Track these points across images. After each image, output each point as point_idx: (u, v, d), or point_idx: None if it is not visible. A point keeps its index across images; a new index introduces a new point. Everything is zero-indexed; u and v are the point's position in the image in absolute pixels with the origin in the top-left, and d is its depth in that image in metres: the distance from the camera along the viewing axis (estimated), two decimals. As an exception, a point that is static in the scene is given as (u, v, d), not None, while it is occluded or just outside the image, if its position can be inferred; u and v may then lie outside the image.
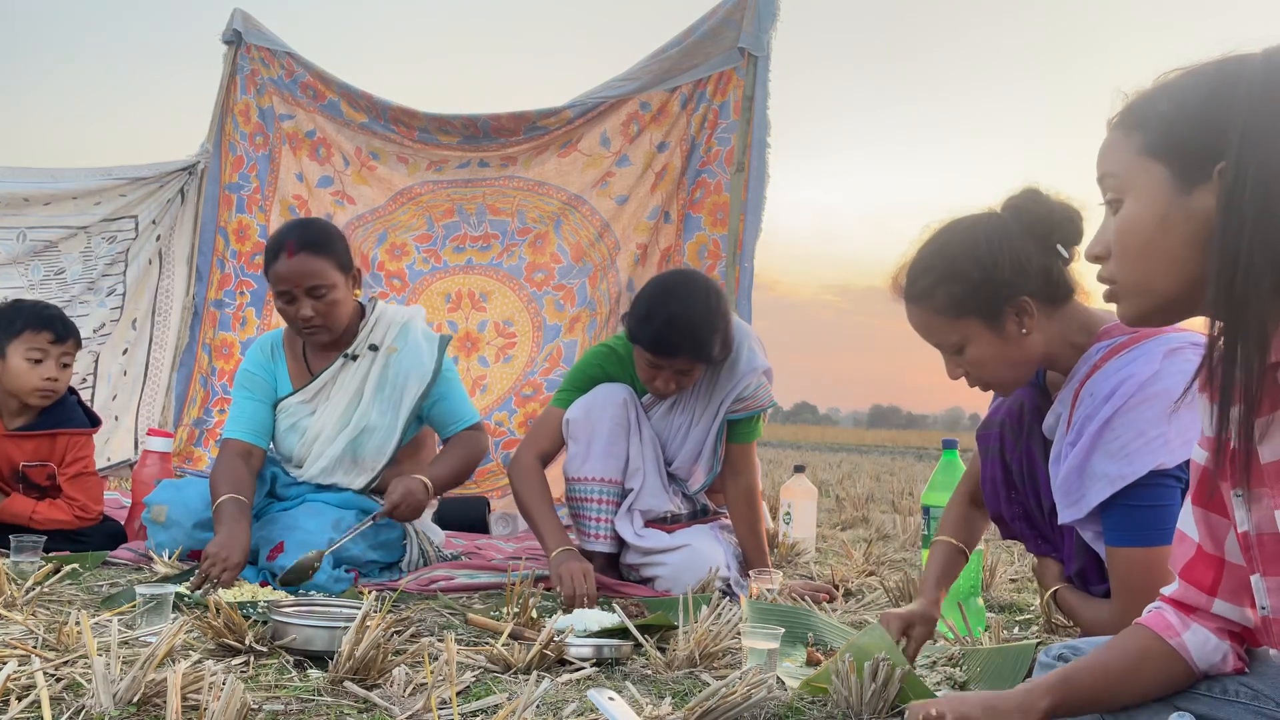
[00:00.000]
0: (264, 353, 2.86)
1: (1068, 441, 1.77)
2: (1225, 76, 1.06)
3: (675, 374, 2.64)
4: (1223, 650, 1.21)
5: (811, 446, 24.08)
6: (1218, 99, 1.05)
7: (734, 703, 1.49)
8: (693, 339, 2.58)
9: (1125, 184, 1.11)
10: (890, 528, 4.68)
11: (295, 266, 2.65)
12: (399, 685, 1.58)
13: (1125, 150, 1.12)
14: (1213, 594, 1.19)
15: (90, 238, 4.78)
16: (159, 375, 4.93)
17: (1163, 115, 1.09)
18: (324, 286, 2.68)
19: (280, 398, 2.81)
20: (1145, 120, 1.11)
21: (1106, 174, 1.14)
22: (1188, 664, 1.21)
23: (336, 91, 4.92)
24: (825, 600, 2.60)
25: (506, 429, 4.38)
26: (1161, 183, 1.08)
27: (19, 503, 2.86)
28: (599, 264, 4.49)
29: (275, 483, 2.83)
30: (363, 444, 2.76)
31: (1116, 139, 1.14)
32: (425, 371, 2.76)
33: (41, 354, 2.90)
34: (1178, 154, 1.07)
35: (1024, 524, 2.00)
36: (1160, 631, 1.23)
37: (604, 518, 2.72)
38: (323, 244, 2.70)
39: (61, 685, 1.51)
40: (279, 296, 2.71)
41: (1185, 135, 1.07)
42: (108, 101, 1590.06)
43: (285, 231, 2.75)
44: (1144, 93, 1.13)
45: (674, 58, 4.40)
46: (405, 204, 4.82)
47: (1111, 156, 1.14)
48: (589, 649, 1.84)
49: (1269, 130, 1.00)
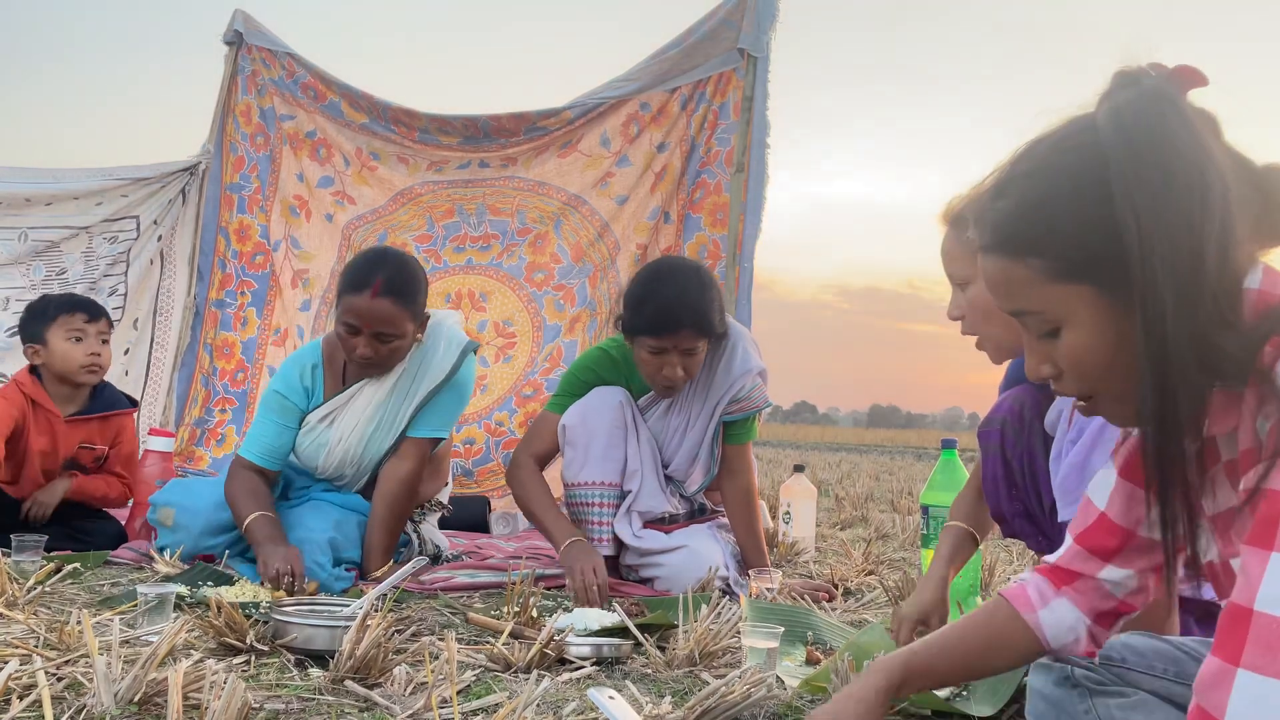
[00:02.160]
0: (300, 375, 2.76)
1: (1069, 439, 1.77)
2: (1090, 168, 0.97)
3: (681, 355, 2.62)
4: (1077, 632, 1.23)
5: (811, 446, 24.08)
6: (1101, 199, 0.96)
7: (733, 701, 1.50)
8: (692, 310, 2.59)
9: (1056, 315, 1.02)
10: (889, 527, 4.68)
11: (374, 309, 2.56)
12: (399, 684, 1.58)
13: (1030, 282, 1.02)
14: (1106, 561, 1.20)
15: (92, 238, 4.78)
16: (160, 375, 4.93)
17: (1058, 233, 1.00)
18: (393, 335, 2.61)
19: (308, 411, 2.76)
20: (1036, 242, 1.01)
21: (1023, 310, 1.05)
22: (1040, 641, 1.24)
23: (337, 92, 4.92)
24: (825, 599, 2.60)
25: (506, 429, 4.38)
26: (1094, 304, 1.00)
27: (90, 484, 3.05)
28: (599, 264, 4.50)
29: (289, 486, 2.84)
30: (374, 442, 2.76)
31: (1010, 269, 1.04)
32: (439, 373, 2.75)
33: (80, 333, 3.02)
34: (1095, 271, 0.99)
35: (1025, 522, 2.00)
36: (1018, 607, 1.25)
37: (605, 520, 2.72)
38: (408, 293, 2.61)
39: (63, 684, 1.52)
40: (343, 324, 2.60)
41: (1096, 250, 0.98)
42: (108, 102, 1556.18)
43: (376, 264, 2.61)
44: (1011, 209, 1.03)
45: (674, 58, 4.40)
46: (405, 204, 4.83)
47: (1017, 290, 1.04)
48: (589, 648, 1.84)
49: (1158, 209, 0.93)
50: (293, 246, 4.93)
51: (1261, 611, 0.87)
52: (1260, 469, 0.92)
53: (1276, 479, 0.90)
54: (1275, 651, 0.85)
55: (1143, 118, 0.96)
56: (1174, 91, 0.98)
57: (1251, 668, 0.86)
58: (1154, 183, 0.93)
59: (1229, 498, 1.05)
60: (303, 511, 2.66)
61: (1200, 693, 0.90)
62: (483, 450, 4.39)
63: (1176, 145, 0.94)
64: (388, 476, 2.70)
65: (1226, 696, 0.87)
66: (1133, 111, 0.97)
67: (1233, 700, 0.86)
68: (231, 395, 4.81)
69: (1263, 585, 0.87)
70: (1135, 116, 0.96)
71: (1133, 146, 0.95)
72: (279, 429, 2.72)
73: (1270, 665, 0.85)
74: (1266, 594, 0.87)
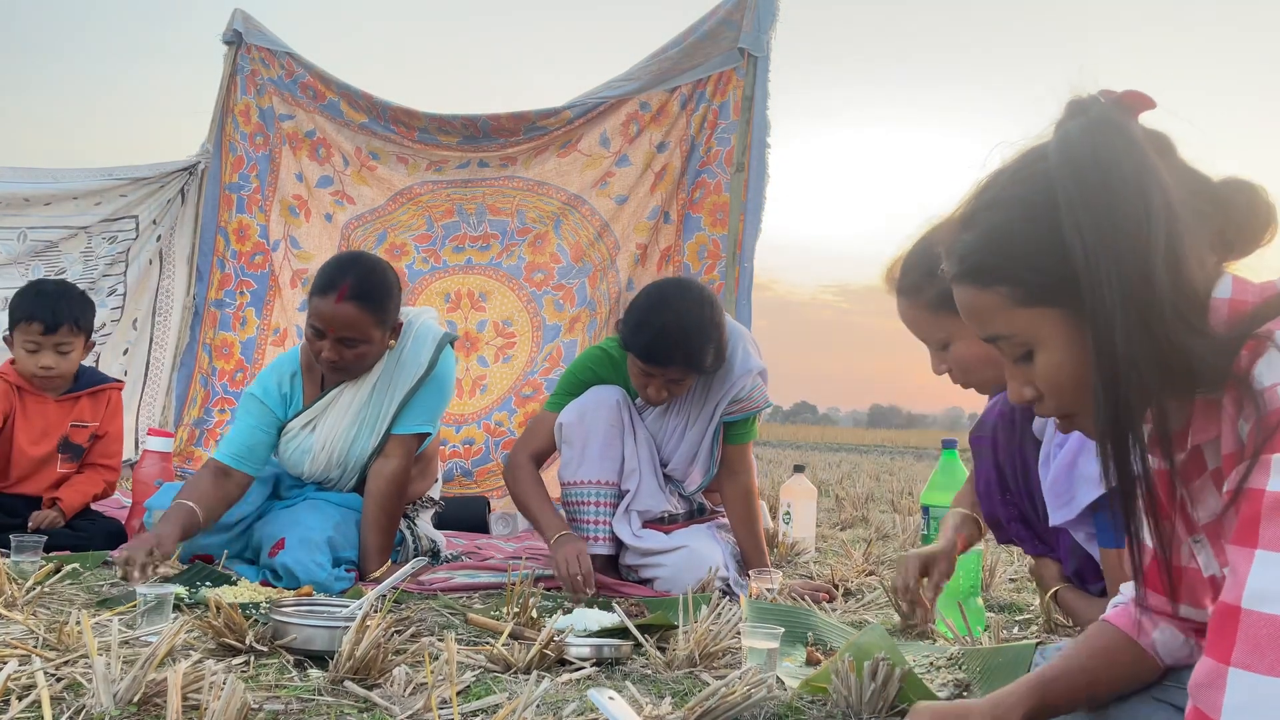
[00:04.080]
0: (278, 383, 2.76)
1: (1055, 443, 1.77)
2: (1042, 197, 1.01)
3: (667, 383, 2.64)
4: (1190, 646, 1.23)
5: (811, 446, 24.08)
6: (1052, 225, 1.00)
7: (734, 702, 1.49)
8: (685, 349, 2.57)
9: (1028, 339, 1.06)
10: (890, 527, 4.68)
11: (339, 313, 2.54)
12: (399, 685, 1.58)
13: (999, 308, 1.06)
14: (1176, 599, 1.20)
15: (91, 238, 4.78)
16: (159, 375, 4.93)
17: (1017, 260, 1.04)
18: (359, 341, 2.59)
19: (287, 419, 2.75)
20: (1000, 270, 1.05)
21: (997, 335, 1.08)
22: (1155, 660, 1.23)
23: (336, 92, 4.92)
24: (825, 600, 2.60)
25: (506, 429, 4.38)
26: (1062, 326, 1.03)
27: (76, 496, 3.02)
28: (599, 264, 4.50)
29: (279, 485, 2.83)
30: (358, 443, 2.75)
31: (980, 298, 1.07)
32: (417, 369, 2.74)
33: (35, 345, 2.99)
34: (1058, 294, 1.02)
35: (1020, 526, 2.00)
36: (1129, 631, 1.24)
37: (601, 520, 2.72)
38: (375, 299, 2.58)
39: (62, 685, 1.51)
40: (311, 326, 2.60)
41: (1054, 273, 1.01)
42: (108, 102, 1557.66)
43: (345, 268, 2.60)
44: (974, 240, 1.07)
45: (674, 58, 4.40)
46: (405, 204, 4.83)
47: (989, 316, 1.07)
48: (589, 649, 1.84)
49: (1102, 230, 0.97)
50: (292, 246, 4.92)
51: (1250, 609, 0.87)
52: (1241, 469, 0.93)
53: (1257, 478, 0.90)
54: (1265, 649, 0.85)
55: (1087, 144, 1.00)
56: (1120, 117, 1.02)
57: (1243, 666, 0.86)
58: (1098, 205, 0.97)
59: (1218, 505, 1.06)
60: (300, 511, 2.65)
61: (1195, 694, 0.90)
62: (482, 450, 4.38)
63: (1120, 168, 0.98)
64: (376, 475, 2.70)
65: (1220, 696, 0.87)
66: (1078, 139, 1.01)
67: (1226, 699, 0.86)
68: (230, 395, 4.81)
69: (1249, 583, 0.88)
70: (1080, 143, 1.00)
71: (1078, 173, 0.99)
72: (252, 430, 2.70)
73: (1261, 662, 0.85)
74: (1253, 591, 0.88)
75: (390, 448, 2.72)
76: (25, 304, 3.01)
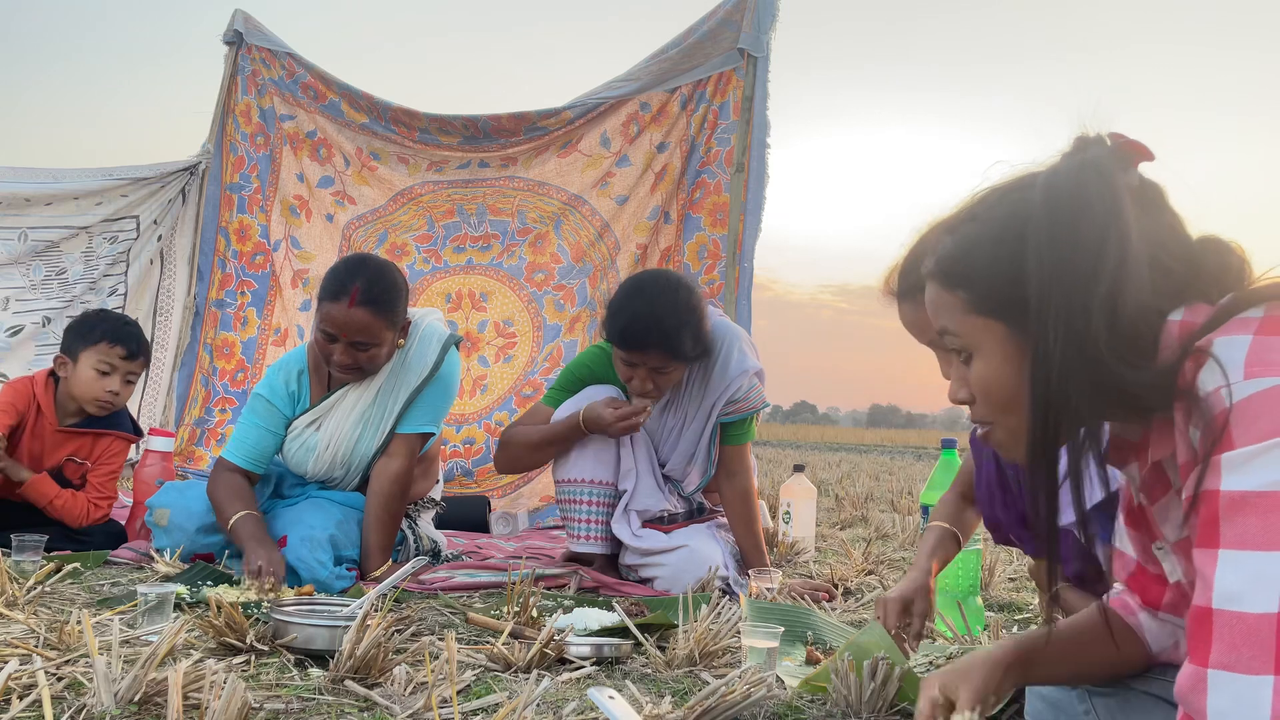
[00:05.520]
0: (285, 382, 2.77)
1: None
2: (1016, 222, 1.07)
3: (650, 372, 2.63)
4: (1175, 637, 1.24)
5: (811, 446, 24.08)
6: (1018, 250, 1.06)
7: (733, 701, 1.50)
8: (660, 332, 2.57)
9: (970, 342, 1.12)
10: (889, 527, 4.68)
11: (350, 318, 2.55)
12: (399, 684, 1.58)
13: (955, 309, 1.12)
14: (1158, 607, 1.23)
15: (92, 238, 4.78)
16: (160, 375, 4.94)
17: (981, 272, 1.10)
18: (371, 344, 2.61)
19: (294, 417, 2.77)
20: (965, 277, 1.11)
21: (946, 330, 1.15)
22: (1143, 644, 1.26)
23: (337, 92, 4.92)
24: (824, 599, 2.60)
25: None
26: (1005, 339, 1.09)
27: (45, 484, 2.92)
28: (599, 264, 4.50)
29: (282, 483, 2.84)
30: (362, 443, 2.76)
31: (943, 296, 1.14)
32: (422, 369, 2.75)
33: (110, 368, 2.95)
34: (1007, 311, 1.08)
35: (1020, 527, 2.00)
36: (1119, 610, 1.28)
37: (594, 519, 2.73)
38: (386, 303, 2.59)
39: (63, 684, 1.52)
40: (321, 331, 2.61)
41: (1008, 292, 1.07)
42: (108, 102, 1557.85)
43: (354, 272, 2.60)
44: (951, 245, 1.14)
45: (674, 58, 4.40)
46: (406, 204, 4.83)
47: (945, 314, 1.14)
48: (589, 648, 1.85)
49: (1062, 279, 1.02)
50: (293, 246, 4.93)
51: (1221, 609, 0.88)
52: (1196, 473, 0.95)
53: (1211, 479, 0.92)
54: (1240, 647, 0.86)
55: (1071, 184, 1.05)
56: (1113, 164, 1.06)
57: (1221, 666, 0.87)
58: (1061, 242, 1.03)
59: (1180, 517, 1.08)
60: (303, 509, 2.65)
61: (1182, 699, 0.91)
62: (483, 450, 4.39)
63: (1091, 213, 1.03)
64: (380, 475, 2.71)
65: (1204, 700, 0.88)
66: (1064, 177, 1.06)
67: (1210, 702, 0.87)
68: (231, 395, 4.82)
69: (1216, 584, 0.89)
70: (1065, 182, 1.06)
71: (1053, 210, 1.05)
72: (261, 432, 2.72)
73: (1238, 662, 0.86)
74: (1222, 592, 0.89)
75: (394, 447, 2.73)
76: (108, 327, 2.97)
